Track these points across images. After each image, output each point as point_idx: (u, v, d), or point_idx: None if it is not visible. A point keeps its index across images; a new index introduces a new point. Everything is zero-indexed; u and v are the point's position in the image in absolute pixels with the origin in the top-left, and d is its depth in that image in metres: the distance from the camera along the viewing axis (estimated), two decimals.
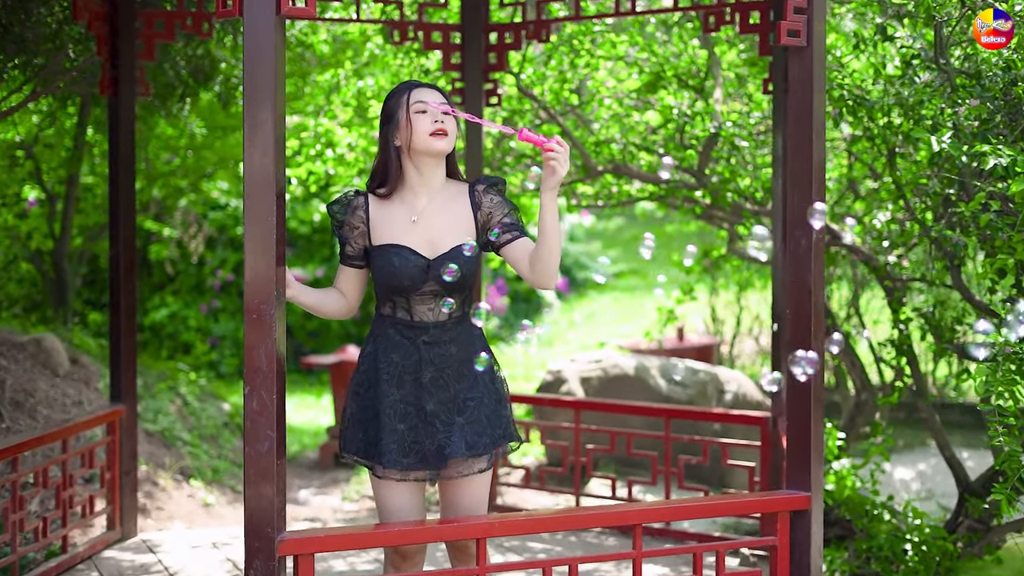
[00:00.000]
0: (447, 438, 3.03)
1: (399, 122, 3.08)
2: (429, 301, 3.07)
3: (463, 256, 3.04)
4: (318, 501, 6.55)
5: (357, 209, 3.12)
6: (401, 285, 3.04)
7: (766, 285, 7.84)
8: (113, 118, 4.71)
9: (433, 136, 3.04)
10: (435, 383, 3.06)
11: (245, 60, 2.80)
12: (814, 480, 3.30)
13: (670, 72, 5.34)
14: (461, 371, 3.08)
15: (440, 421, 3.05)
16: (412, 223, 3.08)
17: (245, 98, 2.81)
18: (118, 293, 4.68)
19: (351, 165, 6.13)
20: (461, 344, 3.09)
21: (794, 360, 3.05)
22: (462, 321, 3.11)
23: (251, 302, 2.81)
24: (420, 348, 3.06)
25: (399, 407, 3.05)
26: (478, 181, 3.16)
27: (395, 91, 3.14)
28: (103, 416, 4.62)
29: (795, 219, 3.32)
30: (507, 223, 3.09)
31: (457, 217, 3.10)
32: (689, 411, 5.08)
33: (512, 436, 3.14)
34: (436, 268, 3.04)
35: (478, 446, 3.04)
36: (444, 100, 3.10)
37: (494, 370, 3.15)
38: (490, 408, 3.09)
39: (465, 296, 3.12)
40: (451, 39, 5.08)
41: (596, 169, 5.41)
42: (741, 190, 5.22)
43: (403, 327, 3.08)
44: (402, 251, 3.05)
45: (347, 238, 3.14)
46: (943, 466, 7.38)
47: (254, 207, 2.81)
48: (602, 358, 6.71)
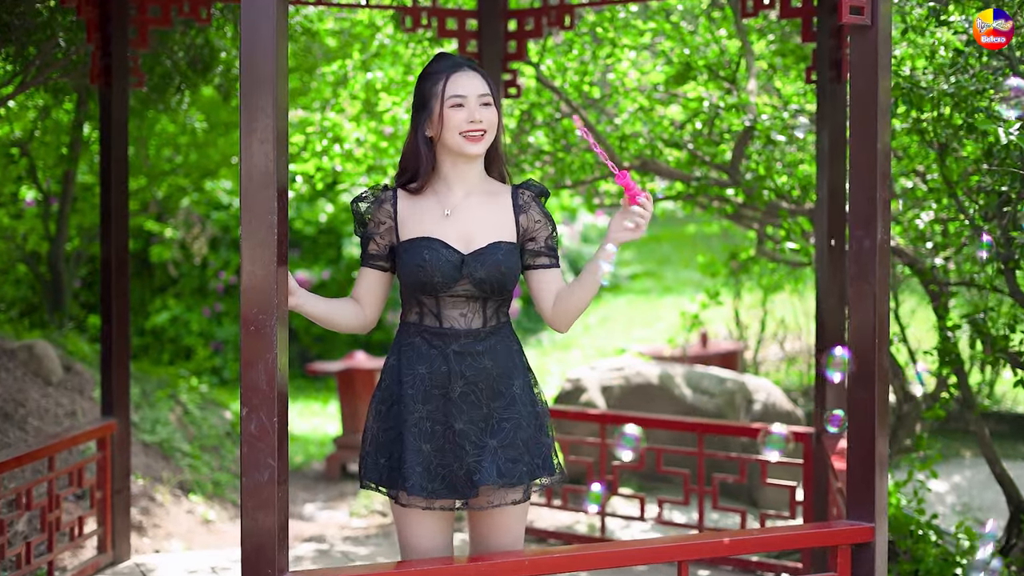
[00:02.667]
0: (477, 462, 2.66)
1: (431, 113, 2.71)
2: (461, 305, 2.71)
3: (501, 253, 2.69)
4: (324, 517, 6.21)
5: (385, 203, 2.76)
6: (431, 282, 2.67)
7: (795, 288, 7.49)
8: (105, 110, 4.38)
9: (466, 138, 2.69)
10: (465, 399, 2.69)
11: (243, 39, 2.46)
12: (878, 510, 2.96)
13: (702, 62, 4.99)
14: (496, 388, 2.71)
15: (470, 443, 2.67)
16: (445, 217, 2.73)
17: (242, 81, 2.47)
18: (110, 298, 4.35)
19: (359, 162, 5.79)
20: (498, 357, 2.73)
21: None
22: (499, 330, 2.75)
23: (248, 312, 2.46)
24: (450, 359, 2.69)
25: (425, 425, 2.68)
26: (524, 186, 2.80)
27: (431, 71, 2.75)
28: (93, 431, 4.29)
29: (858, 217, 2.97)
30: (546, 246, 2.76)
31: (497, 215, 2.75)
32: (726, 426, 4.72)
33: (552, 469, 2.75)
34: (471, 264, 2.68)
35: (512, 474, 2.67)
36: (487, 89, 2.73)
37: (535, 393, 2.78)
38: (528, 433, 2.72)
39: (502, 303, 2.76)
40: (467, 26, 4.74)
41: (621, 166, 5.06)
42: (778, 188, 4.87)
43: (431, 335, 2.72)
44: (433, 244, 2.69)
45: (372, 235, 2.78)
46: (980, 478, 7.03)
47: (252, 204, 2.46)
48: (624, 366, 6.36)
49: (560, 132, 5.39)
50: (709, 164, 5.01)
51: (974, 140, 4.38)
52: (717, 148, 5.03)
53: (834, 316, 4.16)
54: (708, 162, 5.01)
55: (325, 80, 6.27)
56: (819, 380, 4.21)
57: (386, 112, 5.70)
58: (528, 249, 2.76)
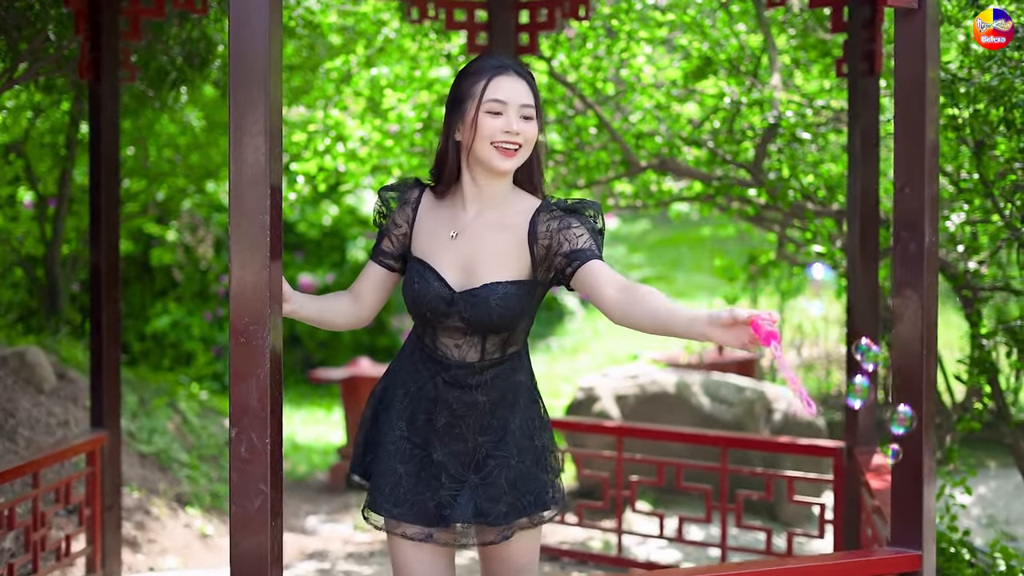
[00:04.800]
0: (452, 497, 2.43)
1: (465, 116, 2.43)
2: (456, 336, 2.45)
3: (496, 297, 2.39)
4: (327, 530, 5.97)
5: (407, 205, 2.52)
6: (420, 312, 2.45)
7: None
8: (95, 106, 4.16)
9: (498, 150, 2.40)
10: (449, 430, 2.46)
11: (231, 20, 2.23)
12: (926, 536, 2.72)
13: (723, 56, 4.74)
14: (486, 422, 2.46)
15: (447, 475, 2.45)
16: (450, 239, 2.46)
17: (231, 68, 2.23)
18: (100, 306, 4.12)
19: (364, 161, 5.55)
20: (493, 391, 2.46)
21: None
22: (501, 363, 2.47)
23: (238, 322, 2.22)
24: (438, 386, 2.46)
25: (403, 445, 2.47)
26: (549, 208, 2.44)
27: (472, 70, 2.46)
28: (81, 445, 4.05)
29: (904, 218, 2.73)
30: (568, 251, 2.37)
31: (506, 245, 2.43)
32: (751, 440, 4.47)
33: (547, 503, 2.49)
34: (459, 304, 2.41)
35: (490, 514, 2.42)
36: (531, 100, 2.43)
37: (536, 426, 2.52)
38: (519, 471, 2.46)
39: (509, 336, 2.47)
40: (476, 17, 4.51)
41: (638, 165, 4.82)
42: (804, 188, 4.62)
43: (426, 356, 2.50)
44: (426, 273, 2.44)
45: (388, 231, 2.54)
46: (1007, 489, 6.79)
47: (242, 203, 2.23)
48: (638, 373, 6.11)
49: (573, 130, 5.15)
50: (731, 163, 4.76)
51: (1008, 138, 4.15)
52: (739, 146, 4.78)
53: (868, 325, 3.91)
54: (730, 161, 4.76)
55: (328, 76, 6.03)
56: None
57: (391, 110, 5.46)
58: (557, 266, 2.41)
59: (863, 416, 3.90)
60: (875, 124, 3.91)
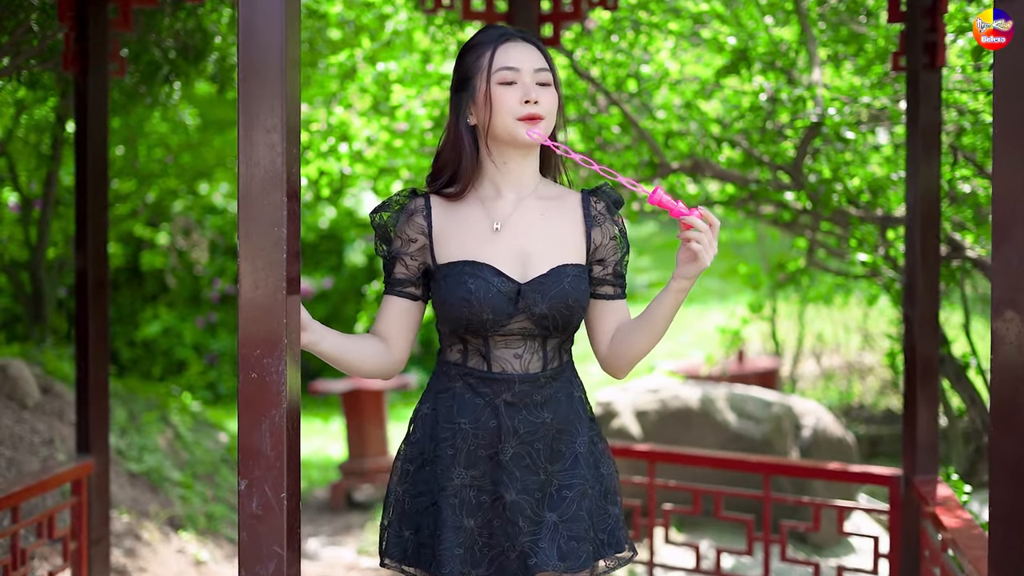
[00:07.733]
0: (533, 543, 2.09)
1: (475, 93, 2.15)
2: (516, 344, 2.14)
3: (568, 280, 2.12)
4: (329, 554, 5.61)
5: (415, 214, 2.18)
6: (479, 319, 2.11)
7: (846, 302, 6.90)
8: (81, 101, 3.80)
9: (522, 121, 2.12)
10: (519, 462, 2.12)
11: (240, 7, 1.88)
12: None
13: (761, 48, 4.40)
14: (556, 447, 2.15)
15: (524, 517, 2.11)
16: (494, 232, 2.15)
17: (240, 53, 1.88)
18: (86, 319, 3.75)
19: (370, 163, 5.18)
20: (559, 408, 2.16)
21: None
22: (561, 373, 2.19)
23: (249, 354, 1.87)
24: (500, 411, 2.13)
25: (468, 494, 2.13)
26: (597, 193, 2.24)
27: (474, 43, 2.19)
28: (66, 474, 3.69)
29: (1004, 227, 2.40)
30: (614, 272, 2.24)
31: (562, 229, 2.18)
32: (797, 467, 4.13)
33: (620, 545, 2.19)
34: (529, 297, 2.11)
35: (575, 556, 2.10)
36: (545, 64, 2.17)
37: (600, 449, 2.22)
38: (594, 501, 2.15)
39: (566, 339, 2.20)
40: (495, 7, 4.16)
41: (668, 166, 4.48)
42: (848, 191, 4.29)
43: (477, 380, 2.15)
44: (481, 271, 2.12)
45: (399, 255, 2.20)
46: None
47: (254, 213, 1.87)
48: (659, 387, 5.77)
49: (595, 129, 4.80)
50: (768, 165, 4.42)
51: None
52: (778, 147, 4.44)
53: (929, 345, 3.58)
54: (767, 163, 4.42)
55: (329, 73, 5.67)
56: (909, 416, 3.62)
57: (399, 107, 5.11)
58: (593, 276, 2.21)
59: (924, 441, 3.56)
60: (936, 123, 3.58)
